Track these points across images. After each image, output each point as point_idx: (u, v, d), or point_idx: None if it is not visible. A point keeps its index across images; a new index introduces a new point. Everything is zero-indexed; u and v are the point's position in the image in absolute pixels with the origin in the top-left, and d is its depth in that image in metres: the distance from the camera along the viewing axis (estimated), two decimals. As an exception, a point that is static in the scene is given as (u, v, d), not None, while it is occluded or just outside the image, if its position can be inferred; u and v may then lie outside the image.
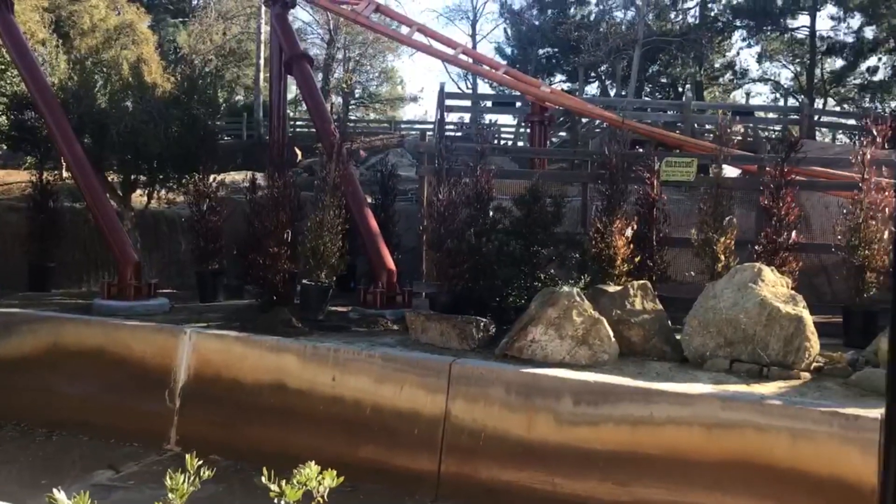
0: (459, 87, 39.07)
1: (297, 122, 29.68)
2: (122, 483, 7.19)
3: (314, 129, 14.43)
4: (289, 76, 13.55)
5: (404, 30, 15.52)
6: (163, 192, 13.69)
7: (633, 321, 7.95)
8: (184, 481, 1.78)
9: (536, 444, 6.72)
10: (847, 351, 7.77)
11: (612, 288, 8.34)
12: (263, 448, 7.39)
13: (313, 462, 1.84)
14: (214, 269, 11.26)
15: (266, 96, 20.89)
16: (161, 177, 13.18)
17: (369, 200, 12.07)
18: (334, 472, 1.85)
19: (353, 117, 34.85)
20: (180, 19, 32.48)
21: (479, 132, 10.77)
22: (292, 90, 22.28)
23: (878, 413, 5.68)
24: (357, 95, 39.44)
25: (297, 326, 8.69)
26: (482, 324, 8.09)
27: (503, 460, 6.80)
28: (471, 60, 16.52)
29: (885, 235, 8.57)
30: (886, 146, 9.43)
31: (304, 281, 9.88)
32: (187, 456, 1.89)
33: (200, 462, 1.85)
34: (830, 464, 5.81)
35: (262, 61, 27.51)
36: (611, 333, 7.62)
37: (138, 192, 13.77)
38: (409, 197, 14.33)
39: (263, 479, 1.84)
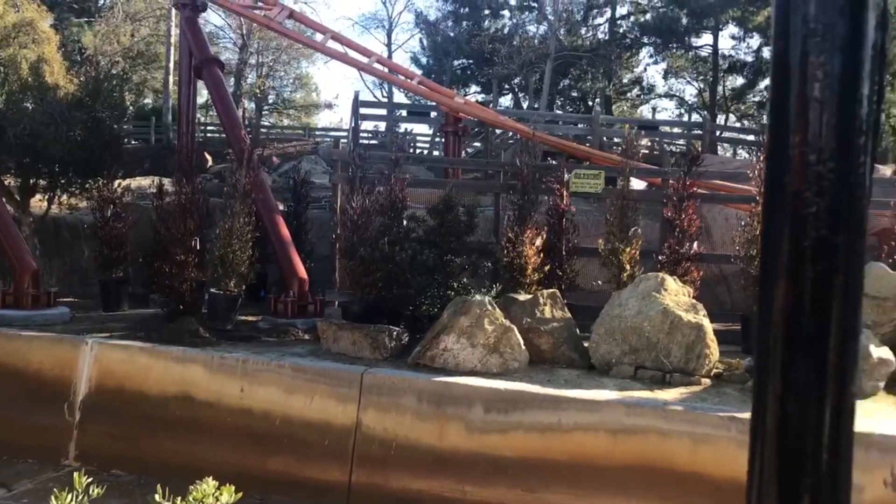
0: (375, 96, 39.07)
1: (208, 127, 29.00)
2: (14, 502, 6.84)
3: (225, 135, 14.16)
4: (199, 80, 13.25)
5: (319, 37, 15.40)
6: (64, 197, 13.14)
7: (542, 329, 8.09)
8: (72, 500, 1.71)
9: (448, 453, 6.75)
10: (745, 357, 8.10)
11: (522, 296, 8.47)
12: (170, 461, 7.16)
13: (211, 478, 1.80)
14: (119, 277, 10.86)
15: (175, 100, 20.38)
16: (63, 181, 12.63)
17: (281, 208, 11.89)
18: (232, 488, 1.80)
19: (266, 123, 34.33)
20: (85, 19, 31.28)
21: (394, 141, 10.79)
22: (203, 94, 21.77)
23: (772, 416, 5.95)
24: (270, 101, 38.88)
25: (204, 336, 8.48)
26: (395, 333, 8.08)
27: (414, 470, 6.80)
28: (386, 70, 16.53)
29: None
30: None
31: (213, 290, 9.64)
32: (75, 474, 1.81)
33: (90, 479, 1.77)
34: (730, 467, 6.02)
35: (171, 64, 26.78)
36: (521, 341, 7.73)
37: (38, 196, 13.17)
38: (323, 204, 14.20)
39: (157, 496, 1.78)
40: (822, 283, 0.67)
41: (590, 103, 35.13)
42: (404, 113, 24.88)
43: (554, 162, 15.29)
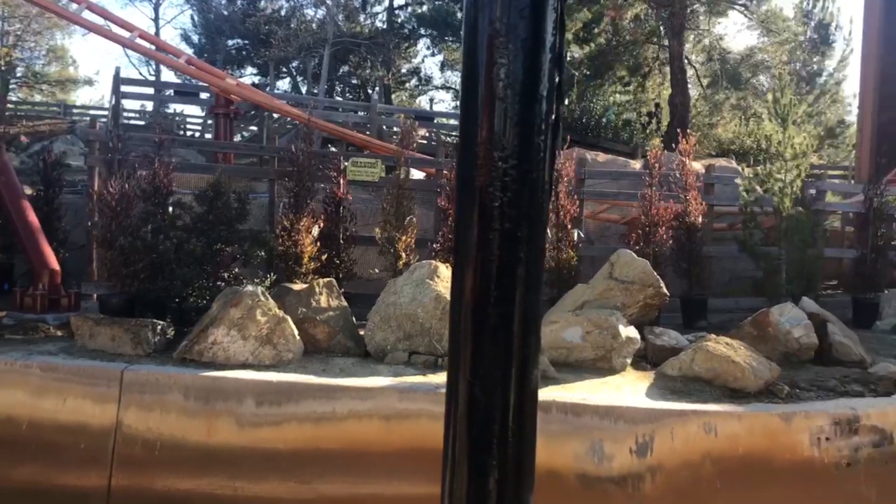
0: (141, 73, 36.58)
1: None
2: None
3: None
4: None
5: (73, 7, 14.13)
6: None
7: (318, 319, 8.02)
8: None
9: (217, 449, 6.50)
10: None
11: (298, 286, 8.35)
12: None
13: None
14: None
15: None
16: None
17: (29, 192, 10.78)
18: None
19: (13, 98, 30.99)
20: None
21: (159, 121, 10.17)
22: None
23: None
24: (19, 75, 35.14)
25: (-67, 337, 7.52)
26: (159, 327, 7.64)
27: (182, 469, 6.48)
28: (151, 46, 15.53)
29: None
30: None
31: (-55, 284, 8.56)
32: None
33: None
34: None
35: None
36: (296, 332, 7.62)
37: None
38: (80, 189, 13.07)
39: None
40: (506, 273, 0.70)
41: (369, 91, 35.34)
42: (171, 92, 23.50)
43: (334, 149, 15.23)
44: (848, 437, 6.28)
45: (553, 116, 0.69)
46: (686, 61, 26.97)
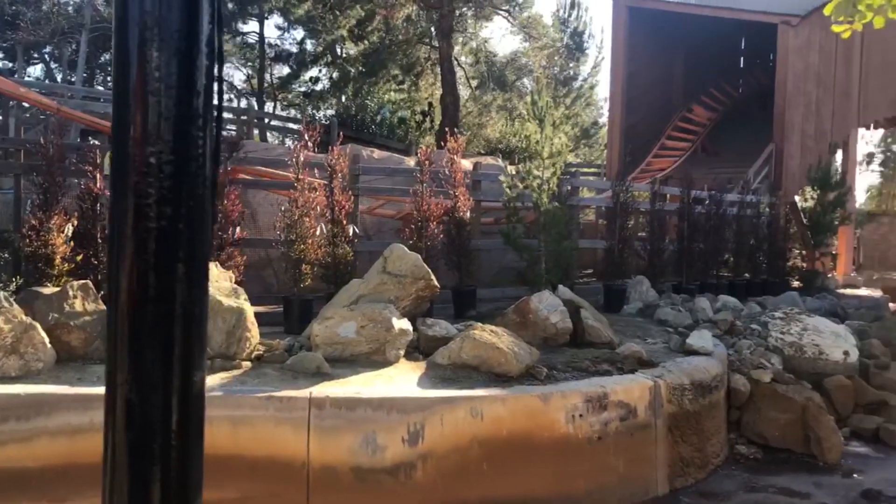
0: None
1: None
2: None
3: None
4: None
5: None
6: None
7: (73, 324, 7.42)
8: None
9: (-48, 475, 5.82)
10: (286, 338, 8.45)
11: (48, 290, 7.67)
12: None
13: None
14: None
15: None
16: None
17: None
18: None
19: None
20: None
21: None
22: None
23: (307, 392, 6.30)
24: None
25: None
26: None
27: None
28: None
29: (318, 231, 9.55)
30: (318, 150, 10.52)
31: None
32: None
33: None
34: (267, 445, 6.23)
35: None
36: (46, 339, 6.99)
37: None
38: None
39: None
40: (164, 271, 0.68)
41: (134, 81, 33.16)
42: None
43: (96, 142, 14.13)
44: (599, 412, 6.86)
45: (214, 111, 0.69)
46: (455, 62, 28.03)
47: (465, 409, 6.35)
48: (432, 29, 27.65)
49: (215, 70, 0.68)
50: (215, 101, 0.69)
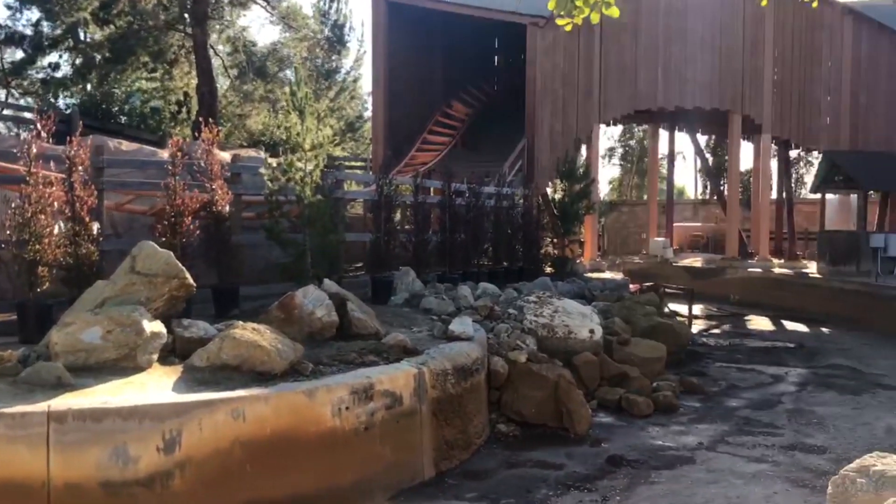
0: None
1: None
2: None
3: None
4: None
5: None
6: None
7: None
8: None
9: None
10: (21, 347, 7.61)
11: None
12: None
13: None
14: None
15: None
16: None
17: None
18: None
19: None
20: None
21: None
22: None
23: (45, 406, 5.70)
24: None
25: None
26: None
27: None
28: None
29: (56, 230, 8.69)
30: (55, 141, 9.56)
31: None
32: None
33: None
34: (1, 465, 5.57)
35: None
36: None
37: None
38: None
39: None
40: None
41: None
42: None
43: None
44: (365, 403, 6.88)
45: None
46: (212, 51, 26.89)
47: (225, 412, 6.08)
48: (185, 15, 26.24)
49: None
50: None
